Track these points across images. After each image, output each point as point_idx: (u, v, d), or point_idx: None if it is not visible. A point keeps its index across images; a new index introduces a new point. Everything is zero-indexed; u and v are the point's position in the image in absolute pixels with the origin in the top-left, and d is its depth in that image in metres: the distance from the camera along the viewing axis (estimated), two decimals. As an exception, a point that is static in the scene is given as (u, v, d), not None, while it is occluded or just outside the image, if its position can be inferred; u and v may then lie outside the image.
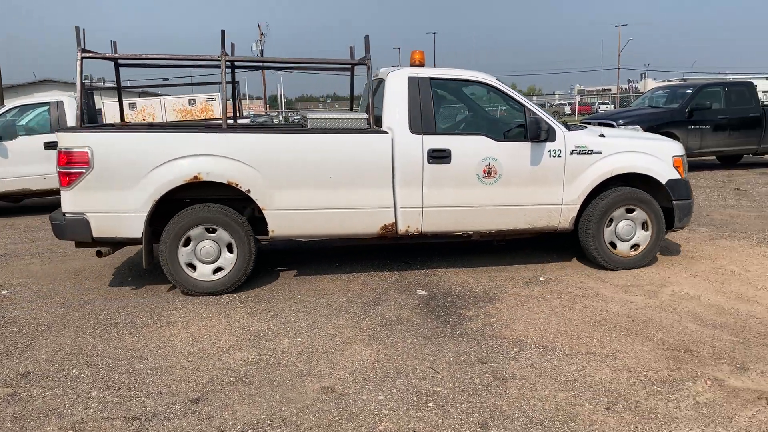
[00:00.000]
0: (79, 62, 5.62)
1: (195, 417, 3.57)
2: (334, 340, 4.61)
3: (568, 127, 6.28)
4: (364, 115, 5.99)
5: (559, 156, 6.08)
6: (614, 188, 6.26)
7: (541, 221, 6.20)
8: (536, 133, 5.91)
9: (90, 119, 9.55)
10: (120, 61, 6.78)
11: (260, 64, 7.94)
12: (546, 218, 6.19)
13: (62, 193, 5.49)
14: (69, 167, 5.38)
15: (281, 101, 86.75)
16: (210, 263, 5.71)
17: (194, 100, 12.46)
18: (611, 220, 6.29)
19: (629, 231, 6.33)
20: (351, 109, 7.88)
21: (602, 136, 6.32)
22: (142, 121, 15.85)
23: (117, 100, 7.14)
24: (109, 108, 14.57)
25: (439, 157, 5.85)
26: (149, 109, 12.28)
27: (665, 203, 6.37)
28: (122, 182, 5.42)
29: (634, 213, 6.31)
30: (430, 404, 3.65)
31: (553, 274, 6.26)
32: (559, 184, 6.13)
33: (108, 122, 11.53)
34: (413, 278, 6.17)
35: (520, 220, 6.16)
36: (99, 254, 5.76)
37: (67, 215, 5.49)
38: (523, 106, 6.07)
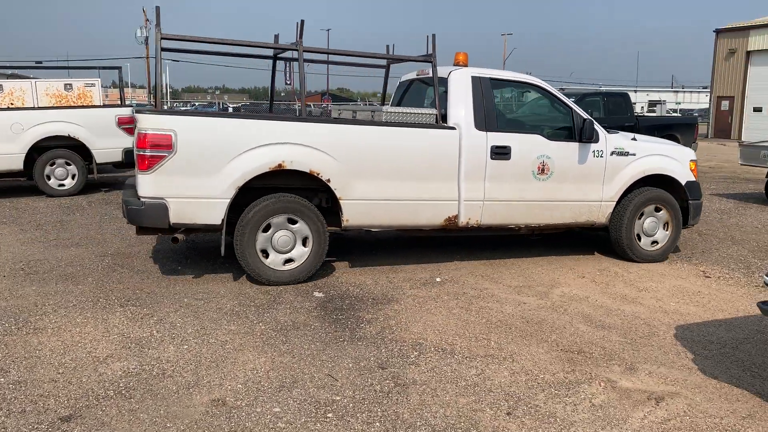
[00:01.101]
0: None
1: (65, 438, 3.18)
2: (225, 348, 4.32)
3: (608, 131, 6.76)
4: (433, 111, 6.13)
5: (601, 156, 6.59)
6: (645, 188, 6.81)
7: (583, 216, 6.68)
8: (588, 135, 6.41)
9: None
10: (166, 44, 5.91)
11: (326, 56, 7.65)
12: (587, 213, 6.68)
13: (140, 176, 5.31)
14: (151, 150, 5.19)
15: (167, 91, 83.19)
16: (283, 253, 5.69)
17: (71, 84, 11.51)
18: (641, 216, 6.82)
19: (653, 228, 6.90)
20: (382, 104, 8.10)
21: (634, 139, 6.87)
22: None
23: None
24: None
25: (501, 153, 6.17)
26: (18, 92, 11.20)
27: (681, 203, 7.00)
28: (205, 168, 5.33)
29: (660, 212, 6.90)
30: (329, 415, 3.47)
31: (449, 274, 6.25)
32: (600, 182, 6.63)
33: None
34: (310, 280, 5.94)
35: (566, 214, 6.60)
36: (175, 240, 5.68)
37: (145, 200, 5.29)
38: (571, 108, 6.54)
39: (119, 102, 11.99)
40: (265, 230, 5.62)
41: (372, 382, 3.85)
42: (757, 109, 30.92)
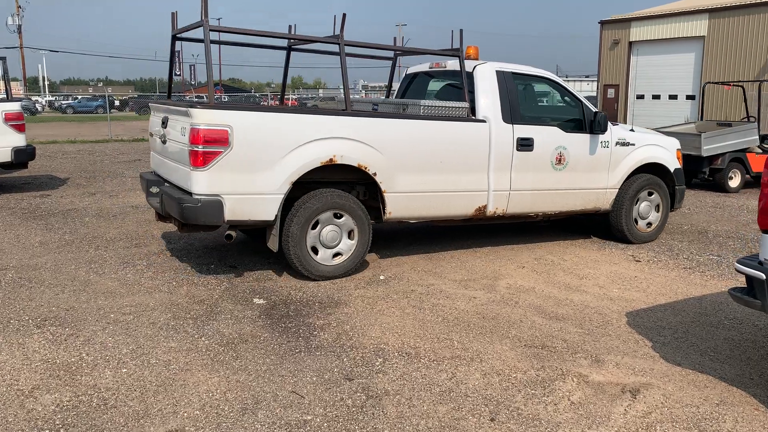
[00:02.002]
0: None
1: (0, 495, 2.70)
2: (170, 369, 3.88)
3: (612, 123, 7.15)
4: (464, 104, 6.21)
5: (607, 146, 7.00)
6: (640, 174, 7.27)
7: (592, 203, 7.06)
8: (603, 127, 6.82)
9: None
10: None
11: (368, 50, 7.25)
12: (595, 200, 7.07)
13: (194, 173, 5.13)
14: (206, 146, 5.04)
15: (44, 84, 77.76)
16: (331, 248, 5.69)
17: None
18: (637, 201, 7.31)
19: (647, 211, 7.43)
20: (387, 97, 8.16)
21: (632, 130, 7.33)
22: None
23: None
24: None
25: (525, 144, 6.43)
26: None
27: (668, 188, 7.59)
28: (261, 163, 5.25)
29: (653, 196, 7.44)
30: (305, 438, 3.16)
31: (392, 271, 6.05)
32: (606, 170, 7.03)
33: None
34: (245, 285, 5.55)
35: (578, 202, 6.96)
36: (229, 238, 5.52)
37: (200, 197, 5.13)
38: (581, 101, 6.91)
39: (5, 96, 10.84)
40: (314, 226, 5.61)
41: (342, 396, 3.57)
42: (640, 97, 32.81)
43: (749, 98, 13.35)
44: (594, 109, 6.89)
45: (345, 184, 5.89)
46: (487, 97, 6.32)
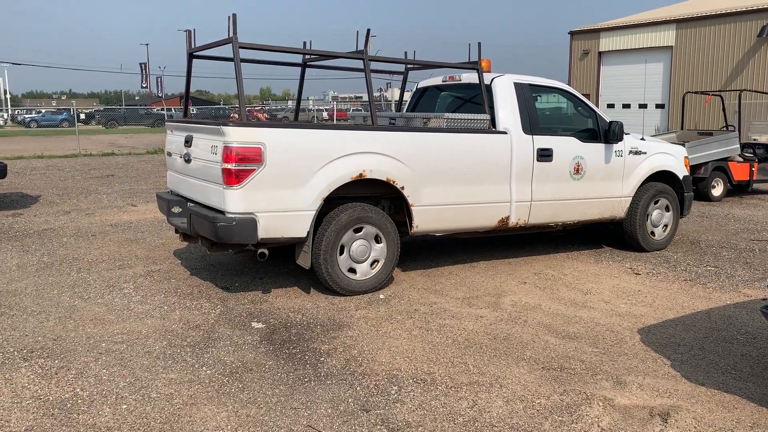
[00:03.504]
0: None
1: None
2: (173, 403, 3.63)
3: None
4: (486, 116, 6.19)
5: (621, 156, 7.06)
6: (652, 182, 7.33)
7: (608, 212, 7.10)
8: (619, 137, 6.90)
9: None
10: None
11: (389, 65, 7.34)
12: (611, 209, 7.11)
13: (227, 192, 5.05)
14: (240, 164, 4.96)
15: (5, 97, 75.90)
16: (360, 262, 5.65)
17: None
18: (649, 209, 7.35)
19: (659, 219, 7.50)
20: (399, 110, 8.23)
21: (643, 139, 7.39)
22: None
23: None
24: None
25: (545, 155, 6.46)
26: None
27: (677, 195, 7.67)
28: (294, 180, 5.20)
29: (664, 204, 7.50)
30: (329, 478, 2.95)
31: (391, 290, 5.86)
32: (620, 179, 7.09)
33: None
34: (241, 308, 5.30)
35: (595, 210, 6.99)
36: (262, 256, 5.38)
37: (235, 215, 5.04)
38: (595, 112, 6.98)
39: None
40: (344, 241, 5.56)
41: (362, 430, 3.36)
42: (611, 106, 33.23)
43: (728, 107, 13.50)
44: (608, 119, 6.93)
45: (371, 199, 5.85)
46: (507, 108, 6.35)
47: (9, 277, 6.14)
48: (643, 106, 31.49)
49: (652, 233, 7.48)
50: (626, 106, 32.37)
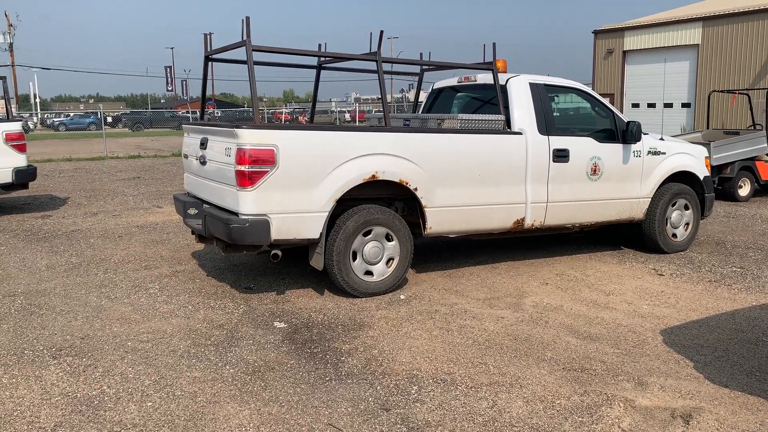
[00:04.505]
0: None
1: None
2: (197, 401, 3.70)
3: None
4: (500, 117, 6.19)
5: (639, 156, 6.97)
6: (671, 183, 7.24)
7: (626, 213, 7.02)
8: (637, 137, 6.82)
9: None
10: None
11: (406, 67, 7.43)
12: (629, 210, 7.03)
13: (241, 193, 5.10)
14: (253, 166, 5.00)
15: (35, 101, 77.35)
16: (373, 264, 5.64)
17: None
18: (668, 210, 7.27)
19: (679, 220, 7.39)
20: (414, 111, 8.24)
21: (662, 139, 7.30)
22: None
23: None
24: None
25: (561, 156, 6.40)
26: None
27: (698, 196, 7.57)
28: (306, 181, 5.23)
29: (684, 205, 7.38)
30: (349, 476, 2.98)
31: (411, 290, 5.88)
32: (639, 180, 7.00)
33: None
34: (263, 307, 5.37)
35: (613, 212, 6.92)
36: (276, 257, 5.41)
37: (248, 217, 5.09)
38: (612, 112, 6.92)
39: (5, 116, 10.64)
40: (357, 243, 5.56)
41: (381, 429, 3.39)
42: (635, 105, 32.87)
43: (755, 106, 13.28)
44: (626, 119, 6.86)
45: (384, 200, 5.85)
46: (522, 109, 6.31)
47: (39, 278, 6.29)
48: (668, 105, 31.09)
49: (673, 235, 7.39)
50: (651, 105, 31.99)
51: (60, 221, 9.42)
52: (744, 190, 11.70)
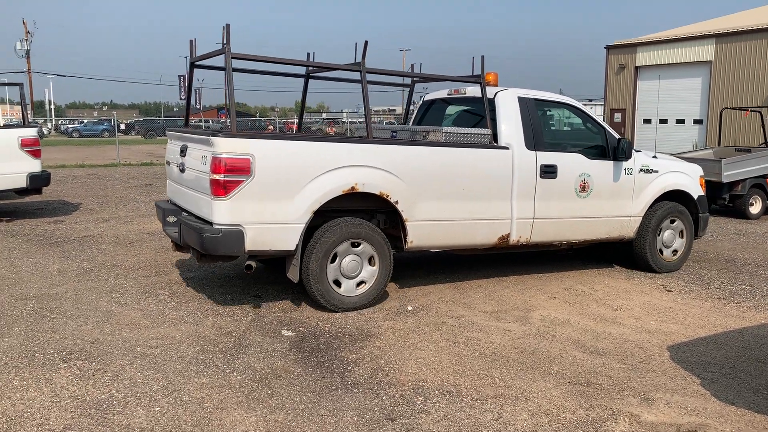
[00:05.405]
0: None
1: None
2: (204, 407, 3.73)
3: (635, 149, 6.99)
4: (487, 131, 6.09)
5: (630, 173, 6.86)
6: (664, 202, 7.12)
7: (616, 231, 6.90)
8: (628, 154, 6.71)
9: None
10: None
11: (389, 77, 7.27)
12: (620, 228, 6.91)
13: (215, 203, 5.03)
14: (228, 175, 4.94)
15: (50, 108, 78.19)
16: (351, 278, 5.56)
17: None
18: (660, 229, 7.15)
19: (671, 239, 7.25)
20: (405, 122, 8.11)
21: (655, 157, 7.19)
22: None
23: None
24: None
25: (549, 172, 6.29)
26: None
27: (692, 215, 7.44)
28: (282, 192, 5.15)
29: (677, 224, 7.26)
30: (354, 484, 3.00)
31: (419, 301, 5.90)
32: (630, 198, 6.89)
33: None
34: (271, 316, 5.41)
35: (603, 230, 6.80)
36: (249, 268, 5.35)
37: (222, 227, 5.01)
38: (603, 128, 6.82)
39: (21, 121, 10.78)
40: (334, 255, 5.47)
41: (387, 438, 3.41)
42: (647, 121, 32.83)
43: (767, 123, 13.25)
44: (617, 136, 6.78)
45: (365, 213, 5.76)
46: (510, 123, 6.20)
47: (50, 282, 6.36)
48: (680, 121, 31.03)
49: (664, 254, 7.23)
50: (663, 121, 31.92)
51: (72, 226, 9.52)
52: (755, 208, 11.65)
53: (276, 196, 5.13)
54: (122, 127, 57.32)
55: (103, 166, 21.38)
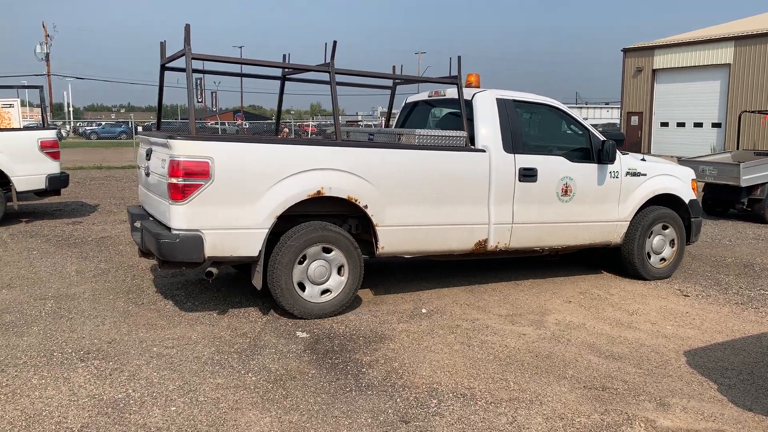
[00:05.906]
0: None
1: None
2: (220, 407, 3.76)
3: (621, 152, 6.81)
4: (462, 133, 5.94)
5: (616, 177, 6.66)
6: (653, 206, 6.92)
7: (601, 236, 6.72)
8: (611, 157, 6.50)
9: None
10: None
11: (359, 78, 6.93)
12: (605, 234, 6.73)
13: (173, 207, 4.88)
14: (186, 179, 4.80)
15: (68, 110, 79.04)
16: (319, 284, 5.41)
17: (-15, 105, 10.40)
18: (650, 235, 6.94)
19: (661, 245, 7.03)
20: (387, 125, 8.01)
21: (643, 160, 7.01)
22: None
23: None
24: None
25: (528, 175, 6.11)
26: None
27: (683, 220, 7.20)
28: (244, 196, 5.00)
29: (667, 230, 7.03)
30: (367, 486, 3.01)
31: (433, 304, 5.90)
32: (616, 202, 6.69)
33: None
34: (286, 317, 5.43)
35: (587, 235, 6.62)
36: (210, 275, 5.24)
37: (179, 232, 4.87)
38: (587, 130, 6.62)
39: (40, 123, 10.93)
40: (301, 261, 5.32)
41: (401, 441, 3.41)
42: (664, 124, 32.57)
43: (786, 127, 13.09)
44: (602, 138, 6.56)
45: (336, 217, 5.60)
46: (487, 125, 6.03)
47: (68, 282, 6.43)
48: (698, 125, 30.75)
49: (653, 260, 7.01)
50: (681, 124, 31.67)
51: (90, 228, 9.62)
52: (774, 212, 11.51)
53: (237, 200, 4.98)
54: (140, 129, 57.59)
55: (120, 168, 21.59)
